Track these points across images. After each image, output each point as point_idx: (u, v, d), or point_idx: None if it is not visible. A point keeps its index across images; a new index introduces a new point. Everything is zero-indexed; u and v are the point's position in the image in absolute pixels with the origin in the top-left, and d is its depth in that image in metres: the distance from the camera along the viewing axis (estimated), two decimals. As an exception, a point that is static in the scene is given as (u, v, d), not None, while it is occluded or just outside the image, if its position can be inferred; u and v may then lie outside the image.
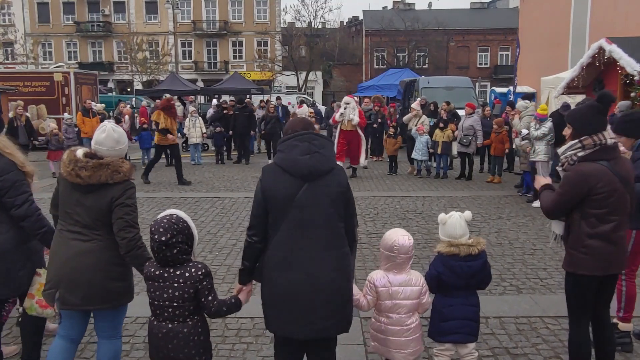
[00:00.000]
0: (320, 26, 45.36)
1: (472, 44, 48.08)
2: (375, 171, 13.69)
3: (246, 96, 21.09)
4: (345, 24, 55.92)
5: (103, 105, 16.65)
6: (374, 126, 15.62)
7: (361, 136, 12.41)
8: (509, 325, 4.63)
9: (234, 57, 46.80)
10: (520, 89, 18.49)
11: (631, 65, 10.38)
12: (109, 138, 3.20)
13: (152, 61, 40.35)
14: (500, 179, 11.93)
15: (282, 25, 47.18)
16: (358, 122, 12.19)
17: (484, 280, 3.47)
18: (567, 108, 9.88)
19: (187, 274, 2.83)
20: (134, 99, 27.84)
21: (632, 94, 10.41)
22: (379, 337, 3.35)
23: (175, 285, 2.83)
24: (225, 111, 16.01)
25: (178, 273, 2.84)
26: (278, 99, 20.25)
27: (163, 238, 2.79)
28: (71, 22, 45.81)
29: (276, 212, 2.89)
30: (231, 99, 18.34)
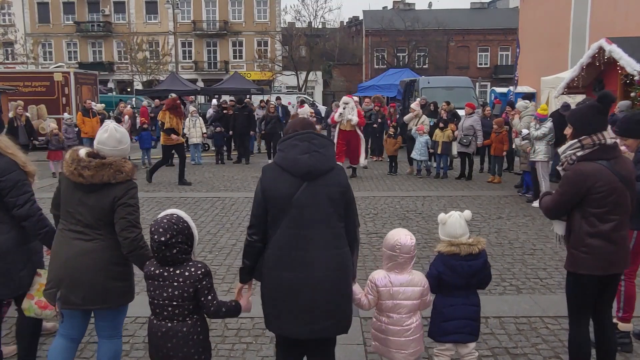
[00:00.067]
0: (320, 26, 45.37)
1: (472, 44, 48.08)
2: (375, 171, 13.69)
3: (246, 96, 21.09)
4: (345, 24, 55.92)
5: (103, 105, 16.68)
6: (374, 126, 15.61)
7: (360, 136, 12.39)
8: (509, 325, 4.63)
9: (234, 57, 46.83)
10: (520, 89, 18.50)
11: (631, 65, 10.38)
12: (112, 138, 3.21)
13: (152, 61, 40.36)
14: (500, 179, 11.94)
15: (282, 25, 47.19)
16: (357, 122, 12.19)
17: (484, 280, 3.47)
18: (567, 108, 9.88)
19: (186, 273, 2.84)
20: (134, 99, 27.86)
21: (632, 94, 10.41)
22: (380, 337, 3.35)
23: (175, 285, 2.83)
24: (225, 111, 16.02)
25: (178, 272, 2.84)
26: (278, 99, 20.22)
27: (163, 238, 2.80)
28: (71, 22, 45.83)
29: (276, 212, 2.89)
30: (231, 99, 18.33)
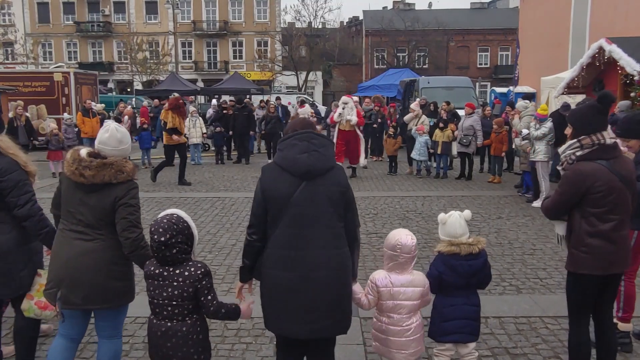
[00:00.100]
0: (320, 26, 45.34)
1: (472, 44, 48.07)
2: (375, 171, 13.68)
3: (245, 96, 21.08)
4: (345, 24, 55.90)
5: (103, 105, 16.68)
6: (374, 126, 15.61)
7: (360, 136, 12.39)
8: (509, 325, 4.63)
9: (234, 57, 46.82)
10: (520, 89, 18.50)
11: (631, 65, 10.38)
12: (112, 138, 3.21)
13: (152, 61, 40.34)
14: (500, 179, 11.94)
15: (282, 25, 47.18)
16: (356, 122, 12.18)
17: (484, 280, 3.46)
18: (567, 108, 9.88)
19: (186, 273, 2.84)
20: (134, 99, 27.85)
21: (632, 94, 10.41)
22: (380, 338, 3.35)
23: (175, 284, 2.83)
24: (224, 111, 16.02)
25: (178, 272, 2.84)
26: (278, 99, 20.22)
27: (162, 238, 2.80)
28: (71, 22, 45.82)
29: (275, 211, 2.89)
30: (231, 99, 18.32)
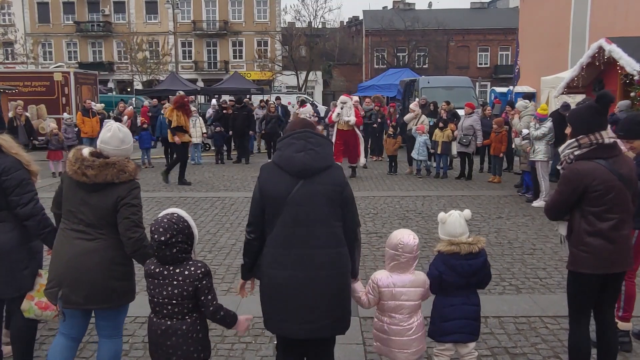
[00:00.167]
0: (320, 26, 45.35)
1: (472, 43, 48.07)
2: (375, 171, 13.68)
3: (245, 96, 21.08)
4: (345, 24, 55.92)
5: (103, 105, 16.68)
6: (374, 126, 15.61)
7: (359, 135, 12.38)
8: (508, 325, 4.63)
9: (234, 57, 46.82)
10: (520, 88, 18.50)
11: (631, 65, 10.38)
12: (114, 137, 3.22)
13: (152, 61, 40.35)
14: (500, 179, 11.94)
15: (282, 25, 47.19)
16: (354, 122, 12.16)
17: (484, 279, 3.46)
18: (567, 108, 9.88)
19: (186, 272, 2.84)
20: (134, 99, 27.85)
21: (632, 94, 10.41)
22: (382, 338, 3.35)
23: (175, 283, 2.84)
24: (224, 111, 16.02)
25: (178, 271, 2.85)
26: (278, 99, 20.21)
27: (163, 238, 2.80)
28: (71, 22, 45.82)
29: (272, 210, 2.90)
30: (231, 98, 18.32)
